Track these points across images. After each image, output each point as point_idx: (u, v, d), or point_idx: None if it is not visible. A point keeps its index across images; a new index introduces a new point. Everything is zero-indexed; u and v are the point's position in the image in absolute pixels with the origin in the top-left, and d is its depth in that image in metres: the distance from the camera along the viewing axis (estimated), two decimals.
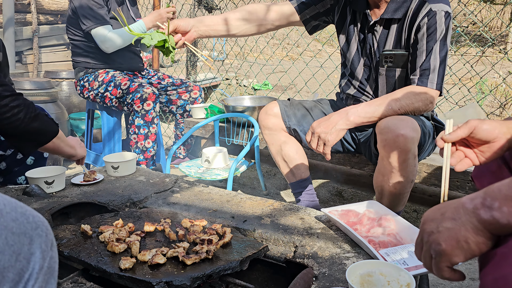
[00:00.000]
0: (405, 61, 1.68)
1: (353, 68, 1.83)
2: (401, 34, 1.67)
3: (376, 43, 1.73)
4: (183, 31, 1.72)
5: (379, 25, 1.70)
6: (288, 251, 1.26)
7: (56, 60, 4.63)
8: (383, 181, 1.64)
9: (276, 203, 1.56)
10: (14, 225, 0.63)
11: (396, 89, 1.71)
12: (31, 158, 1.95)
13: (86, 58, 2.74)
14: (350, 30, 1.81)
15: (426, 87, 1.59)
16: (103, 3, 2.61)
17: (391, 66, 1.70)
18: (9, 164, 1.93)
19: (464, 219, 0.64)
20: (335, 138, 1.59)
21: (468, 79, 3.82)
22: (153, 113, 2.59)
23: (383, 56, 1.70)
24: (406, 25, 1.64)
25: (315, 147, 1.63)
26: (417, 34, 1.61)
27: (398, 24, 1.67)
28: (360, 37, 1.78)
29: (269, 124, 1.91)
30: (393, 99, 1.59)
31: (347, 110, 1.61)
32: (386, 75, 1.72)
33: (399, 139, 1.50)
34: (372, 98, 1.80)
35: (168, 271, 1.05)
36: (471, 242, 0.63)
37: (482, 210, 0.62)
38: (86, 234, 1.24)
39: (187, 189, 1.70)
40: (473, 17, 4.62)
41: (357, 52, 1.81)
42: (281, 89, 5.64)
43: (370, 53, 1.76)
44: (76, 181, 1.72)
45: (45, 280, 0.66)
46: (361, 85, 1.82)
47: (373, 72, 1.77)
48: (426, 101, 1.59)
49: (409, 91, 1.59)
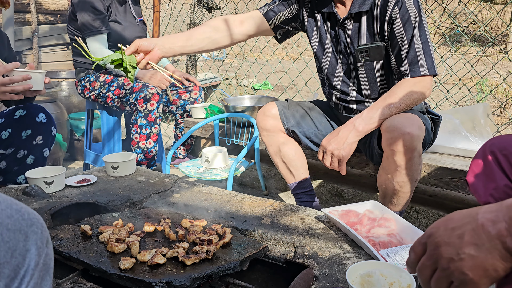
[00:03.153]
0: (381, 53, 1.69)
1: (332, 69, 1.82)
2: (373, 26, 1.67)
3: (350, 40, 1.73)
4: (145, 50, 1.66)
5: (349, 20, 1.71)
6: (288, 251, 1.26)
7: (56, 60, 4.63)
8: (387, 180, 1.63)
9: (276, 203, 1.56)
10: (9, 221, 0.64)
11: (378, 81, 1.73)
12: (31, 157, 1.95)
13: (87, 58, 2.74)
14: (321, 32, 1.81)
15: (419, 75, 1.59)
16: (102, 9, 2.61)
17: (368, 60, 1.71)
18: (9, 163, 1.93)
19: (488, 245, 0.58)
20: (348, 152, 1.59)
21: (469, 79, 3.82)
22: (156, 113, 2.59)
23: (359, 51, 1.71)
24: (377, 16, 1.65)
25: (329, 165, 1.63)
26: (392, 26, 1.62)
27: (367, 16, 1.68)
28: (332, 36, 1.79)
29: (267, 125, 1.91)
30: (392, 97, 1.59)
31: (352, 121, 1.61)
32: (365, 69, 1.73)
33: (405, 137, 1.50)
34: (357, 94, 1.80)
35: (168, 271, 1.05)
36: (500, 270, 0.59)
37: (509, 238, 0.57)
38: (86, 234, 1.24)
39: (187, 189, 1.70)
40: (474, 17, 4.61)
41: (333, 53, 1.81)
42: (281, 89, 5.63)
43: (345, 50, 1.76)
44: (69, 182, 1.72)
45: (40, 276, 0.67)
46: (344, 84, 1.82)
47: (352, 68, 1.78)
48: (423, 89, 1.60)
49: (404, 84, 1.60)
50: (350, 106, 1.83)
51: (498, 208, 0.59)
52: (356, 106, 1.83)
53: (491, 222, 0.59)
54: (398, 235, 1.25)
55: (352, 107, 1.83)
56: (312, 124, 1.92)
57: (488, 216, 0.60)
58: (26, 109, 1.92)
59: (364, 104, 1.81)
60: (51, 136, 2.01)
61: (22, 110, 1.91)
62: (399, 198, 1.66)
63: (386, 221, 1.31)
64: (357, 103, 1.82)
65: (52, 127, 1.99)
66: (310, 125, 1.92)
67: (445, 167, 1.99)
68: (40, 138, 1.95)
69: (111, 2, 2.69)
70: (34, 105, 1.95)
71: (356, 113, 1.82)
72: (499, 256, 0.58)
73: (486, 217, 0.60)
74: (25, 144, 1.93)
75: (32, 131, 1.92)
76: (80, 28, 2.61)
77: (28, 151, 1.95)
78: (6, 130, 1.89)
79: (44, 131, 1.96)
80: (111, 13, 2.69)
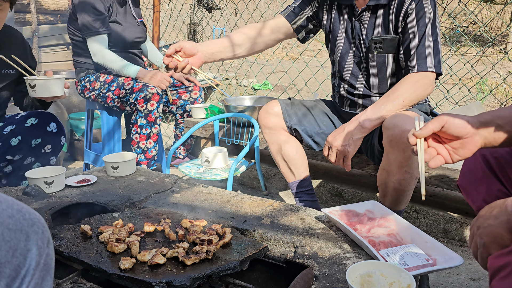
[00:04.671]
0: (395, 46, 1.72)
1: (343, 61, 1.85)
2: (388, 19, 1.71)
3: (365, 32, 1.77)
4: (189, 53, 1.66)
5: (367, 11, 1.74)
6: (288, 251, 1.26)
7: (56, 60, 4.63)
8: (387, 177, 1.64)
9: (276, 203, 1.56)
10: (10, 221, 0.64)
11: (388, 74, 1.76)
12: (37, 164, 1.96)
13: (87, 58, 2.74)
14: (336, 24, 1.85)
15: (424, 71, 1.62)
16: (103, 9, 2.61)
17: (381, 52, 1.74)
18: (15, 168, 1.94)
19: (502, 218, 0.73)
20: (354, 149, 1.61)
21: (469, 79, 3.82)
22: (156, 113, 2.59)
23: (373, 42, 1.74)
24: (393, 9, 1.68)
25: (334, 161, 1.65)
26: (406, 20, 1.65)
27: (384, 9, 1.71)
28: (348, 28, 1.82)
29: (269, 123, 1.91)
30: (395, 94, 1.61)
31: (357, 118, 1.63)
32: (377, 61, 1.76)
33: (405, 135, 1.50)
34: (365, 88, 1.82)
35: (168, 272, 1.05)
36: (506, 239, 0.73)
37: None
38: (86, 234, 1.24)
39: (187, 189, 1.70)
40: (474, 17, 4.61)
41: (345, 45, 1.84)
42: (281, 89, 5.63)
43: (359, 43, 1.79)
44: (69, 182, 1.72)
45: (41, 276, 0.67)
46: (353, 77, 1.84)
47: (363, 61, 1.80)
48: (425, 85, 1.62)
49: (407, 81, 1.62)
50: (356, 100, 1.86)
51: None
52: (362, 101, 1.85)
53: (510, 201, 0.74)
54: (398, 235, 1.25)
55: (358, 101, 1.85)
56: (314, 123, 1.93)
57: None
58: (37, 117, 1.93)
59: (370, 99, 1.83)
60: (59, 145, 2.02)
61: (34, 118, 1.92)
62: (399, 197, 1.66)
63: (386, 221, 1.31)
64: (364, 97, 1.84)
65: (62, 136, 2.01)
66: (312, 123, 1.93)
67: (445, 167, 1.99)
68: (49, 147, 1.96)
69: (111, 3, 2.69)
70: (46, 113, 1.97)
71: (360, 108, 1.85)
72: (507, 228, 0.72)
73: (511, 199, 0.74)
74: (34, 152, 1.94)
75: (42, 140, 1.93)
76: (81, 28, 2.62)
77: (35, 158, 1.96)
78: (16, 137, 1.90)
79: (54, 141, 1.98)
80: (111, 13, 2.69)
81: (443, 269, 1.09)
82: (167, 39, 5.82)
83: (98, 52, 2.61)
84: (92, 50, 2.62)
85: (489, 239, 0.75)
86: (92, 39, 2.61)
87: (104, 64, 2.64)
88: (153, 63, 3.19)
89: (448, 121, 0.90)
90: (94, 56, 2.64)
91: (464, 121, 0.90)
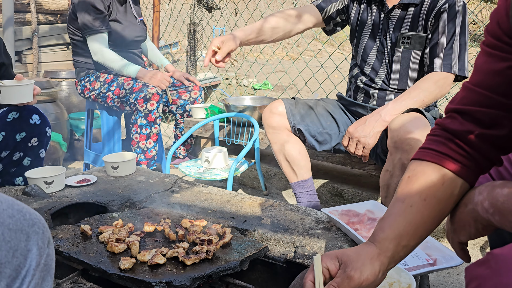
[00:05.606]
0: (422, 43, 1.75)
1: (365, 55, 1.89)
2: (419, 17, 1.74)
3: (393, 27, 1.80)
4: (232, 50, 1.78)
5: (397, 9, 1.78)
6: (288, 251, 1.25)
7: (56, 60, 4.62)
8: (390, 179, 1.64)
9: (276, 203, 1.56)
10: (10, 221, 0.64)
11: (410, 71, 1.79)
12: (27, 159, 1.94)
13: (87, 58, 2.74)
14: (363, 19, 1.89)
15: (448, 72, 1.66)
16: (103, 8, 2.61)
17: (408, 48, 1.77)
18: (5, 165, 1.93)
19: (469, 207, 0.77)
20: (374, 141, 1.64)
21: None
22: (156, 113, 2.59)
23: (401, 36, 1.77)
24: (425, 9, 1.72)
25: (353, 151, 1.68)
26: (437, 19, 1.69)
27: (416, 7, 1.74)
28: (375, 23, 1.85)
29: (273, 122, 1.92)
30: (416, 91, 1.64)
31: (379, 111, 1.67)
32: (402, 56, 1.79)
33: (410, 137, 1.51)
34: (383, 83, 1.86)
35: (168, 272, 1.05)
36: (472, 227, 0.77)
37: (480, 207, 0.74)
38: (86, 234, 1.24)
39: (187, 189, 1.70)
40: (474, 17, 4.61)
41: (370, 39, 1.87)
42: (281, 89, 5.63)
43: (385, 38, 1.83)
44: (69, 182, 1.71)
45: (41, 277, 0.67)
46: (373, 71, 1.87)
47: (387, 56, 1.83)
48: (444, 85, 1.66)
49: (428, 79, 1.66)
50: (372, 92, 1.88)
51: (488, 184, 0.76)
52: (377, 93, 1.87)
53: (478, 192, 0.77)
54: None
55: (374, 92, 1.88)
56: (317, 121, 1.93)
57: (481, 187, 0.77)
58: (19, 111, 1.90)
59: (386, 92, 1.86)
60: (46, 137, 1.99)
61: (15, 112, 1.90)
62: None
63: None
64: (380, 90, 1.87)
65: (47, 127, 1.98)
66: (315, 122, 1.93)
67: None
68: (35, 140, 1.94)
69: (111, 2, 2.69)
70: (27, 107, 1.93)
71: (374, 99, 1.88)
72: (472, 216, 0.76)
73: (480, 187, 0.77)
74: (20, 146, 1.92)
75: (26, 134, 1.92)
76: (81, 27, 2.61)
77: (23, 153, 1.94)
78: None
79: (39, 133, 1.95)
80: (111, 12, 2.69)
81: (444, 269, 1.09)
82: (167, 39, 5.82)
83: (98, 51, 2.61)
84: (92, 49, 2.62)
85: (458, 226, 0.80)
86: (92, 38, 2.61)
87: (104, 63, 2.64)
88: (153, 62, 3.19)
89: None
90: (94, 55, 2.64)
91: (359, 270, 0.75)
